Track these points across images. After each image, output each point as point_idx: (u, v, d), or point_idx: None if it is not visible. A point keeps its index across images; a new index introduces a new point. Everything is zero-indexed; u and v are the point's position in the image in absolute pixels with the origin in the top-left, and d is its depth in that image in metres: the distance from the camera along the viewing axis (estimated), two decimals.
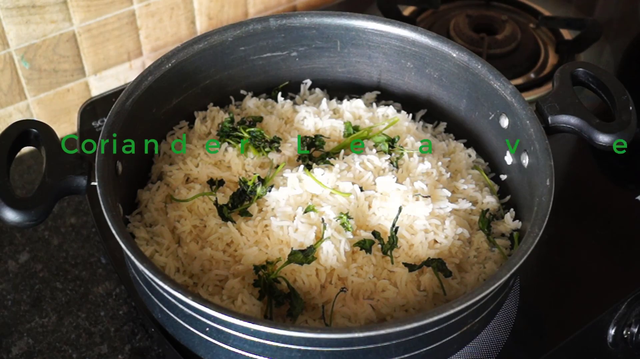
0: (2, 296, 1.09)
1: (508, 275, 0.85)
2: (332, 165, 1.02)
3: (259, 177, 1.01)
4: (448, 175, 1.05)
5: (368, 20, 1.11)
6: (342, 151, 1.06)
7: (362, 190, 1.00)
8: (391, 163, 1.04)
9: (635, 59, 1.45)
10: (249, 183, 1.01)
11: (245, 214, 1.00)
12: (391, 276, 0.95)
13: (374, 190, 1.01)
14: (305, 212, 0.97)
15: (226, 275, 0.95)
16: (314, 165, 1.03)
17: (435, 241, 0.98)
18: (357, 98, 1.16)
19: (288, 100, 1.16)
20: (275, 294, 0.93)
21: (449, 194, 1.01)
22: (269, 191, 1.00)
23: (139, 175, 1.07)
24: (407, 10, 1.46)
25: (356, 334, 0.80)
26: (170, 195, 1.03)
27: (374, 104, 1.17)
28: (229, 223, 0.98)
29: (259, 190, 1.00)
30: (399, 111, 1.14)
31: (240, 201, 1.01)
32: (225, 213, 1.00)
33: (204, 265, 0.96)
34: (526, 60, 1.38)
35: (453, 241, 0.98)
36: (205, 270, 0.96)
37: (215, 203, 1.00)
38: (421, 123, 1.15)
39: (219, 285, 0.95)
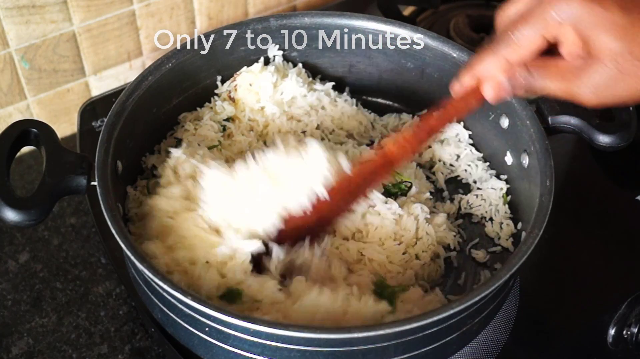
0: (2, 296, 1.09)
1: (508, 275, 0.85)
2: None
3: None
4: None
5: (368, 20, 1.11)
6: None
7: None
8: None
9: None
10: None
11: None
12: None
13: None
14: None
15: None
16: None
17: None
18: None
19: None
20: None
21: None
22: None
23: (139, 175, 1.07)
24: (407, 10, 1.45)
25: (356, 335, 0.80)
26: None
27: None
28: None
29: None
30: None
31: None
32: None
33: None
34: None
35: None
36: None
37: None
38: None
39: None
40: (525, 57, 0.83)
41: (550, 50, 0.83)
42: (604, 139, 0.98)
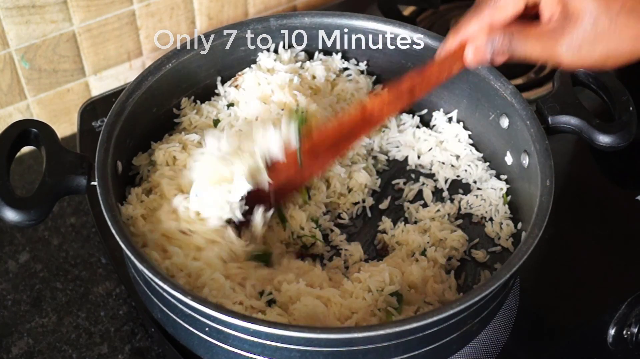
0: (2, 296, 1.09)
1: (508, 275, 0.85)
2: None
3: None
4: None
5: (368, 20, 1.11)
6: None
7: None
8: None
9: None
10: None
11: None
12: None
13: None
14: None
15: None
16: None
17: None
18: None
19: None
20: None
21: None
22: None
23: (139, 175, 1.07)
24: (407, 10, 1.45)
25: (356, 335, 0.80)
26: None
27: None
28: None
29: None
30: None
31: None
32: None
33: None
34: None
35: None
36: None
37: None
38: None
39: None
40: (507, 19, 0.86)
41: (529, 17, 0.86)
42: (604, 139, 0.98)
